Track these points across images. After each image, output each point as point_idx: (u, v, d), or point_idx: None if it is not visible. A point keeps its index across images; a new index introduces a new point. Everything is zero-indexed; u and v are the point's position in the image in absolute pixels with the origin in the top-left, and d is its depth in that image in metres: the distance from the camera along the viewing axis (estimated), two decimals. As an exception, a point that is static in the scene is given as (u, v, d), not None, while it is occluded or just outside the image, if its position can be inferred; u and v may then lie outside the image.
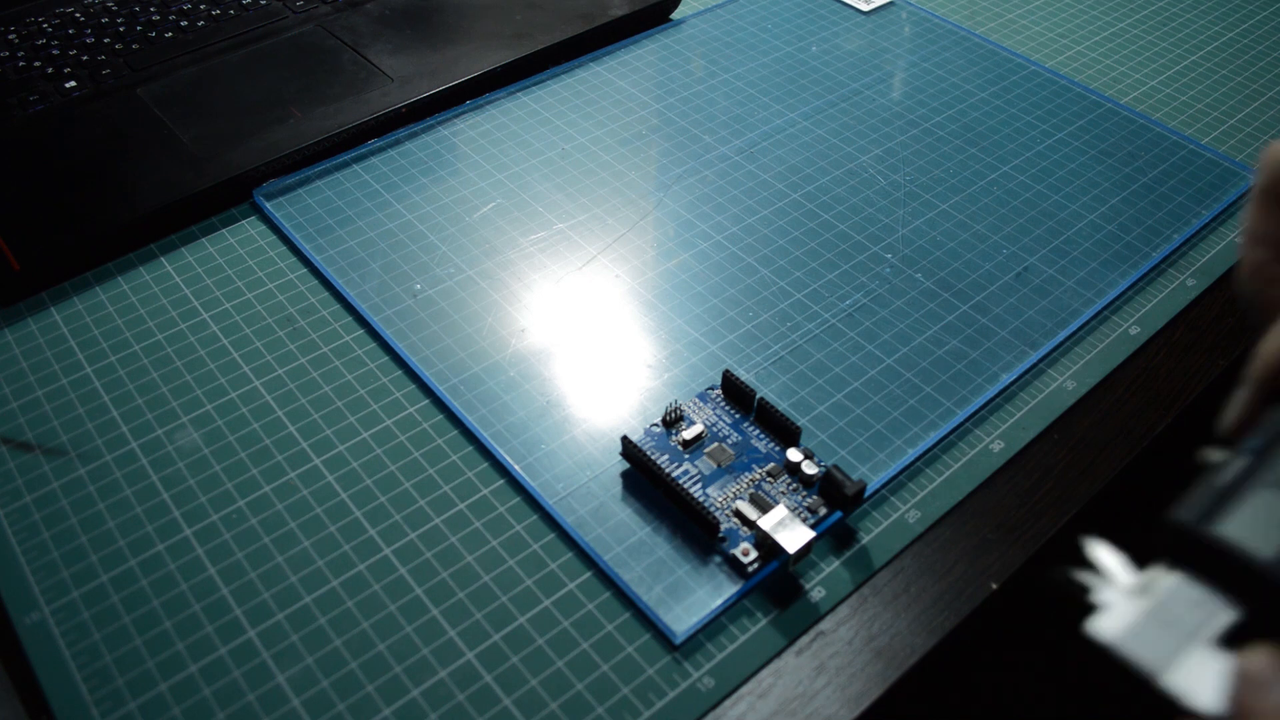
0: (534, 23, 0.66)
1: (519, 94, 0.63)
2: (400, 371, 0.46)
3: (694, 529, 0.40)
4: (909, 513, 0.41)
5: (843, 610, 0.39)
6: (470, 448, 0.43)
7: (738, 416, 0.44)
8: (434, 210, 0.54)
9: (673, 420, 0.43)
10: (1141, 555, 0.26)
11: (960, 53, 0.67)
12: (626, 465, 0.42)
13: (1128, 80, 0.65)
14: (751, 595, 0.39)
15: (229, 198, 0.54)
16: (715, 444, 0.42)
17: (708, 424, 0.43)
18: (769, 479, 0.41)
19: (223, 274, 0.51)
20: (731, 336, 0.48)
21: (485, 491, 0.42)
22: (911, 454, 0.43)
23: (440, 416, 0.44)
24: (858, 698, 0.36)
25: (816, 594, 0.39)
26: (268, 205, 0.54)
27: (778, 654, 0.37)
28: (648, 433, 0.43)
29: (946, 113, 0.62)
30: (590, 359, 0.47)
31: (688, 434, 0.43)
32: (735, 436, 0.43)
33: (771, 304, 0.49)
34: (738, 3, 0.72)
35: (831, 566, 0.40)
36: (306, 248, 0.52)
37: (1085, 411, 0.46)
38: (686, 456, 0.42)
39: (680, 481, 0.41)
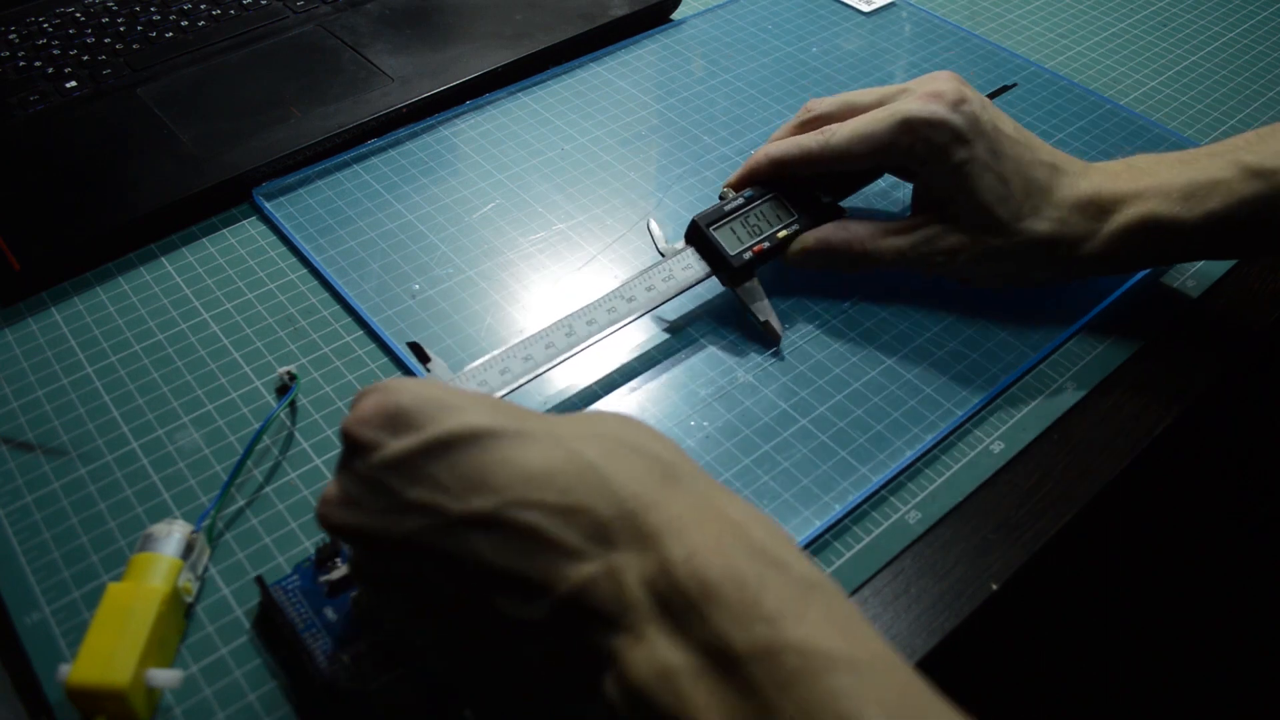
0: (534, 23, 0.66)
1: (519, 94, 0.63)
2: (400, 372, 0.46)
3: None
4: (909, 513, 0.42)
5: (843, 610, 0.39)
6: (470, 448, 0.43)
7: None
8: (434, 210, 0.54)
9: (326, 556, 0.37)
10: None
11: (960, 53, 0.67)
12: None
13: (1128, 80, 0.65)
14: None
15: (229, 198, 0.54)
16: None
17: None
18: None
19: (223, 274, 0.51)
20: (731, 337, 0.48)
21: (485, 492, 0.42)
22: (911, 454, 0.43)
23: (440, 417, 0.44)
24: (858, 698, 0.36)
25: (816, 594, 0.39)
26: (267, 205, 0.54)
27: (778, 654, 0.37)
28: (299, 570, 0.37)
29: (946, 113, 0.62)
30: (589, 359, 0.47)
31: (337, 574, 0.37)
32: None
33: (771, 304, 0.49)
34: (738, 3, 0.72)
35: (831, 567, 0.40)
36: (306, 248, 0.52)
37: (1085, 412, 0.46)
38: (329, 601, 0.36)
39: (304, 635, 0.35)
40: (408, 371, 0.46)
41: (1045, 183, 0.45)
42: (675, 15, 0.70)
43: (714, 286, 0.48)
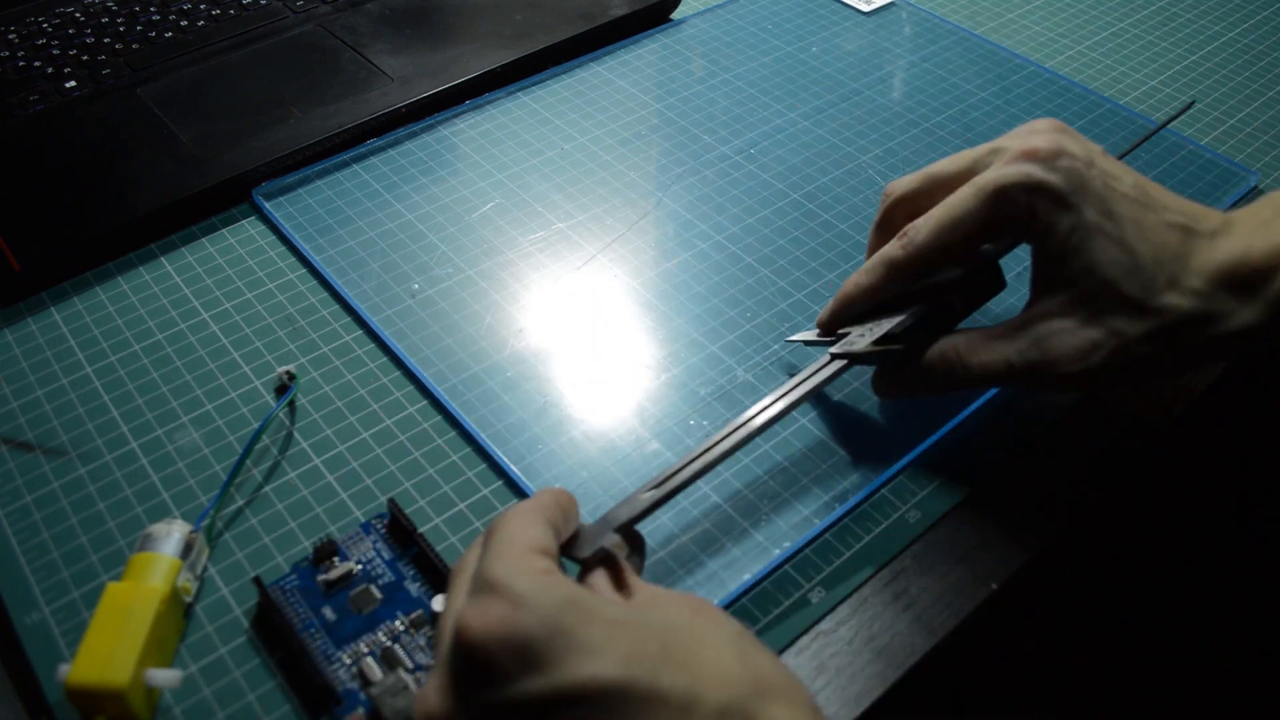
0: (534, 23, 0.66)
1: (519, 94, 0.63)
2: (399, 372, 0.46)
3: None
4: (909, 513, 0.41)
5: (843, 610, 0.39)
6: (469, 448, 0.43)
7: (397, 553, 0.39)
8: (434, 210, 0.54)
9: (324, 555, 0.38)
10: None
11: (960, 53, 0.67)
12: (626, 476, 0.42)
13: (1128, 80, 0.65)
14: (751, 596, 0.39)
15: (229, 198, 0.54)
16: (364, 586, 0.38)
17: (363, 560, 0.38)
18: (411, 630, 0.36)
19: (223, 274, 0.51)
20: (731, 337, 0.48)
21: (485, 491, 0.42)
22: (912, 453, 0.43)
23: (439, 417, 0.44)
24: (858, 698, 0.36)
25: (816, 594, 0.39)
26: (267, 205, 0.54)
27: (778, 654, 0.37)
28: (296, 570, 0.38)
29: (946, 113, 0.62)
30: (589, 359, 0.47)
31: (335, 574, 0.37)
32: (389, 577, 0.38)
33: (771, 304, 0.49)
34: (738, 3, 0.71)
35: (831, 566, 0.40)
36: (306, 248, 0.52)
37: (1086, 412, 0.46)
38: (326, 600, 0.37)
39: (303, 635, 0.36)
40: (407, 371, 0.46)
41: (1178, 247, 0.36)
42: (675, 15, 0.70)
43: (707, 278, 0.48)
